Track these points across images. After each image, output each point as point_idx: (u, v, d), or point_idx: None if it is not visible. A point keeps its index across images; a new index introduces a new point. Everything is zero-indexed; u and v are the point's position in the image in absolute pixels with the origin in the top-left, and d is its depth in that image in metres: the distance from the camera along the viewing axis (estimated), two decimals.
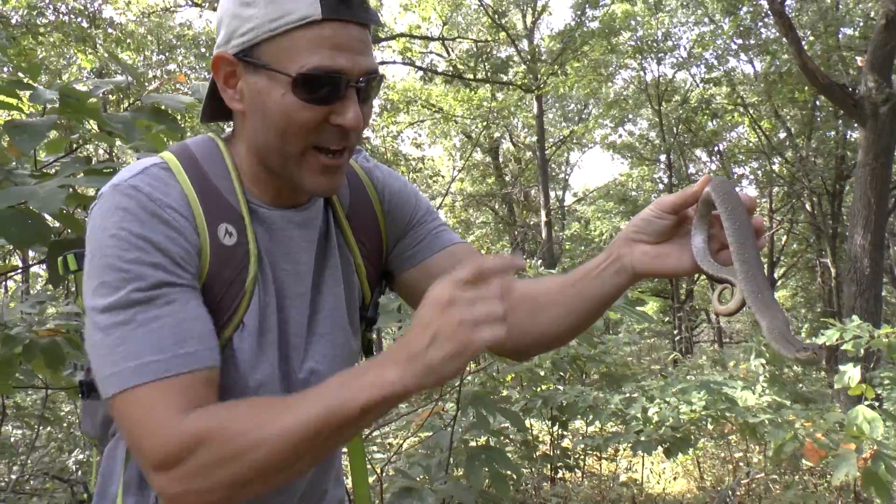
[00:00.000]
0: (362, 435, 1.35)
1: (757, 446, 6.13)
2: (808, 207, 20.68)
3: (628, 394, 5.13)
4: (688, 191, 1.03)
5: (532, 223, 25.00)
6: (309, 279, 1.12)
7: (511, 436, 4.70)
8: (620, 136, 25.34)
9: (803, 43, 10.93)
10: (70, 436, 6.40)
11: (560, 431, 5.53)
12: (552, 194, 25.63)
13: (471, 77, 21.02)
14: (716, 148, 23.02)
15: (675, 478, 6.93)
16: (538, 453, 5.23)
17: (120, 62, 2.53)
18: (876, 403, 3.90)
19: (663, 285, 23.59)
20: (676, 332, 21.09)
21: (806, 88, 16.99)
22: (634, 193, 25.62)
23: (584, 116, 26.08)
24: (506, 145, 26.67)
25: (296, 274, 1.11)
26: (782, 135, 21.01)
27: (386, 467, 3.46)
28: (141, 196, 0.95)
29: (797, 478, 5.44)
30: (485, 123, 22.21)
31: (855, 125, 12.14)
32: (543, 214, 21.20)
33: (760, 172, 22.76)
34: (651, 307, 20.45)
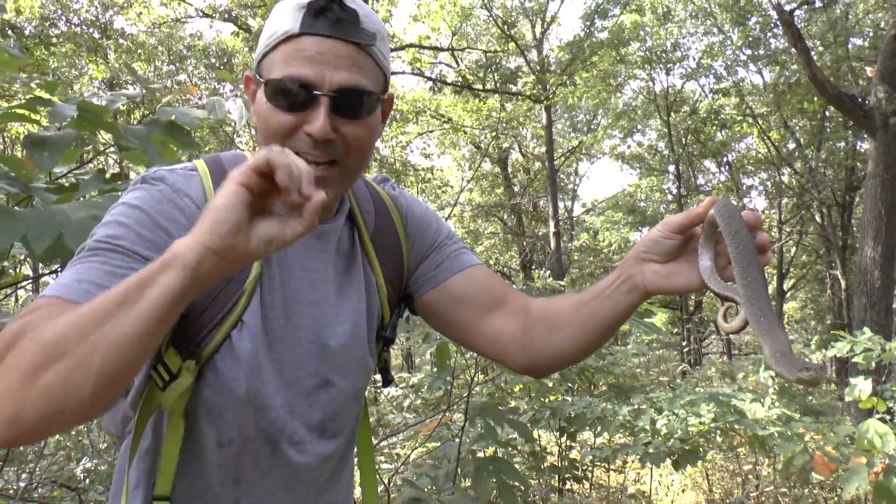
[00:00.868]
0: (372, 448, 1.37)
1: (766, 459, 6.09)
2: (818, 219, 20.59)
3: (637, 405, 5.11)
4: (692, 212, 1.06)
5: (541, 234, 24.97)
6: (324, 288, 1.16)
7: (519, 447, 4.69)
8: (629, 147, 25.36)
9: (812, 53, 10.92)
10: (78, 444, 6.41)
11: (568, 442, 5.50)
12: (561, 205, 25.60)
13: (480, 87, 21.06)
14: (725, 158, 22.99)
15: (684, 490, 6.89)
16: (546, 464, 5.21)
17: (135, 74, 2.54)
18: (887, 417, 3.87)
19: (672, 297, 23.53)
20: (685, 344, 21.00)
21: (815, 99, 16.98)
22: (643, 204, 25.60)
23: (593, 127, 26.10)
24: (515, 156, 26.69)
25: (309, 281, 1.15)
26: (791, 145, 20.97)
27: (393, 478, 3.46)
28: (163, 184, 1.06)
29: (807, 491, 5.39)
30: (494, 134, 22.24)
31: (865, 136, 12.10)
32: (552, 225, 21.17)
33: (770, 183, 22.70)
34: (660, 319, 20.37)
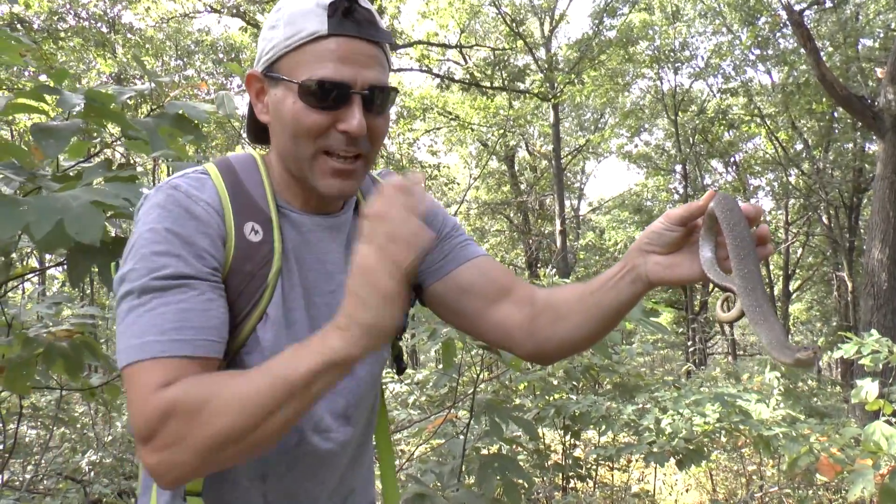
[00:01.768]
0: (389, 436, 1.42)
1: (770, 460, 6.08)
2: (825, 220, 20.54)
3: (641, 404, 5.10)
4: (693, 205, 1.08)
5: (547, 232, 24.96)
6: (339, 279, 1.19)
7: (523, 444, 4.69)
8: (636, 146, 25.32)
9: (822, 54, 10.87)
10: (83, 437, 6.43)
11: (572, 441, 5.50)
12: (567, 203, 25.61)
13: (487, 85, 21.04)
14: (732, 159, 22.94)
15: (688, 490, 6.88)
16: (550, 462, 5.21)
17: (144, 67, 2.55)
18: (893, 419, 3.85)
19: (677, 296, 23.50)
20: (690, 344, 20.98)
21: (824, 100, 16.92)
22: (649, 203, 25.56)
23: (601, 126, 26.07)
24: (521, 154, 26.66)
25: (325, 273, 1.19)
26: (799, 146, 20.92)
27: (398, 473, 3.46)
28: (178, 194, 1.06)
29: (811, 493, 5.38)
30: (501, 132, 22.23)
31: (874, 137, 12.05)
32: (558, 223, 21.16)
33: (777, 184, 22.64)
34: (665, 318, 20.35)
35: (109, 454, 5.84)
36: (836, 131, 19.52)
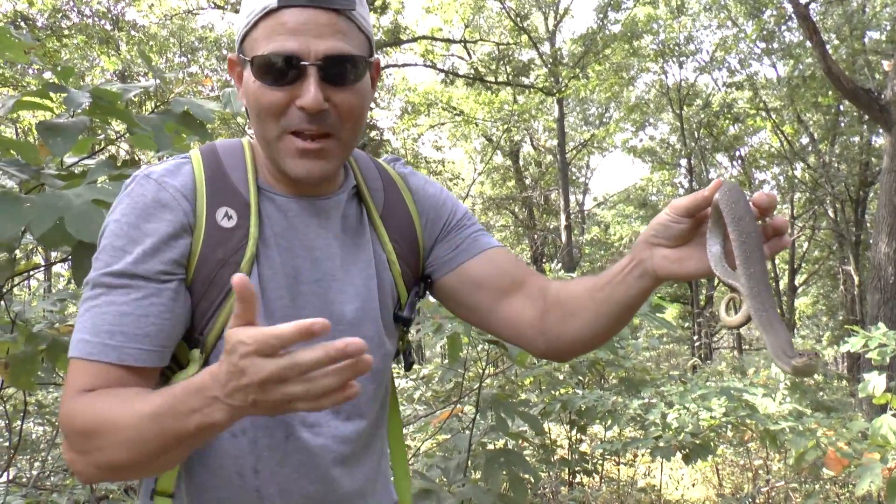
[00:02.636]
0: (402, 434, 1.38)
1: (777, 454, 6.06)
2: (831, 214, 20.47)
3: (647, 399, 5.09)
4: (699, 195, 1.00)
5: (552, 227, 24.93)
6: (328, 266, 1.15)
7: (529, 439, 4.69)
8: (641, 141, 25.27)
9: (828, 47, 10.82)
10: None
11: (578, 436, 5.50)
12: (572, 198, 25.53)
13: (492, 80, 21.02)
14: (737, 153, 22.89)
15: (694, 484, 6.88)
16: (556, 457, 5.21)
17: (149, 63, 2.54)
18: None
19: (683, 290, 23.45)
20: (696, 338, 20.94)
21: (830, 93, 16.84)
22: (654, 198, 25.51)
23: (605, 120, 26.01)
24: (526, 149, 26.64)
25: (312, 260, 1.14)
26: (805, 140, 20.84)
27: None
28: (150, 183, 1.06)
29: (817, 487, 5.37)
30: (505, 126, 22.20)
31: (880, 130, 11.99)
32: (563, 218, 21.13)
33: (782, 178, 22.58)
34: (670, 313, 20.31)
35: None
36: (843, 124, 19.44)
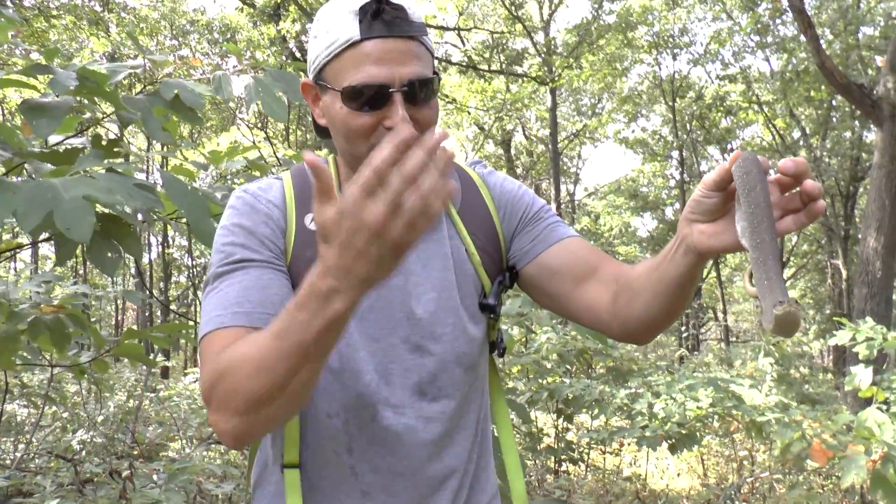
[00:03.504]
0: (513, 435, 1.46)
1: (762, 445, 6.10)
2: None
3: (634, 389, 5.10)
4: (722, 168, 1.04)
5: None
6: (408, 260, 1.22)
7: (516, 427, 4.69)
8: (633, 132, 25.27)
9: (822, 41, 10.82)
10: (75, 416, 6.43)
11: (565, 424, 5.51)
12: (563, 188, 25.58)
13: (485, 68, 20.95)
14: (729, 145, 22.92)
15: (679, 474, 6.92)
16: (543, 445, 5.22)
17: (138, 44, 2.51)
18: (884, 406, 3.86)
19: None
20: (683, 329, 21.04)
21: (822, 87, 16.87)
22: (645, 189, 25.56)
23: (598, 111, 25.99)
24: (518, 138, 26.61)
25: None
26: (797, 134, 20.90)
27: None
28: (247, 195, 1.25)
29: (801, 478, 5.40)
30: (498, 115, 22.16)
31: (872, 126, 12.03)
32: (554, 208, 21.08)
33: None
34: None
35: (101, 433, 5.84)
36: (834, 119, 19.50)
